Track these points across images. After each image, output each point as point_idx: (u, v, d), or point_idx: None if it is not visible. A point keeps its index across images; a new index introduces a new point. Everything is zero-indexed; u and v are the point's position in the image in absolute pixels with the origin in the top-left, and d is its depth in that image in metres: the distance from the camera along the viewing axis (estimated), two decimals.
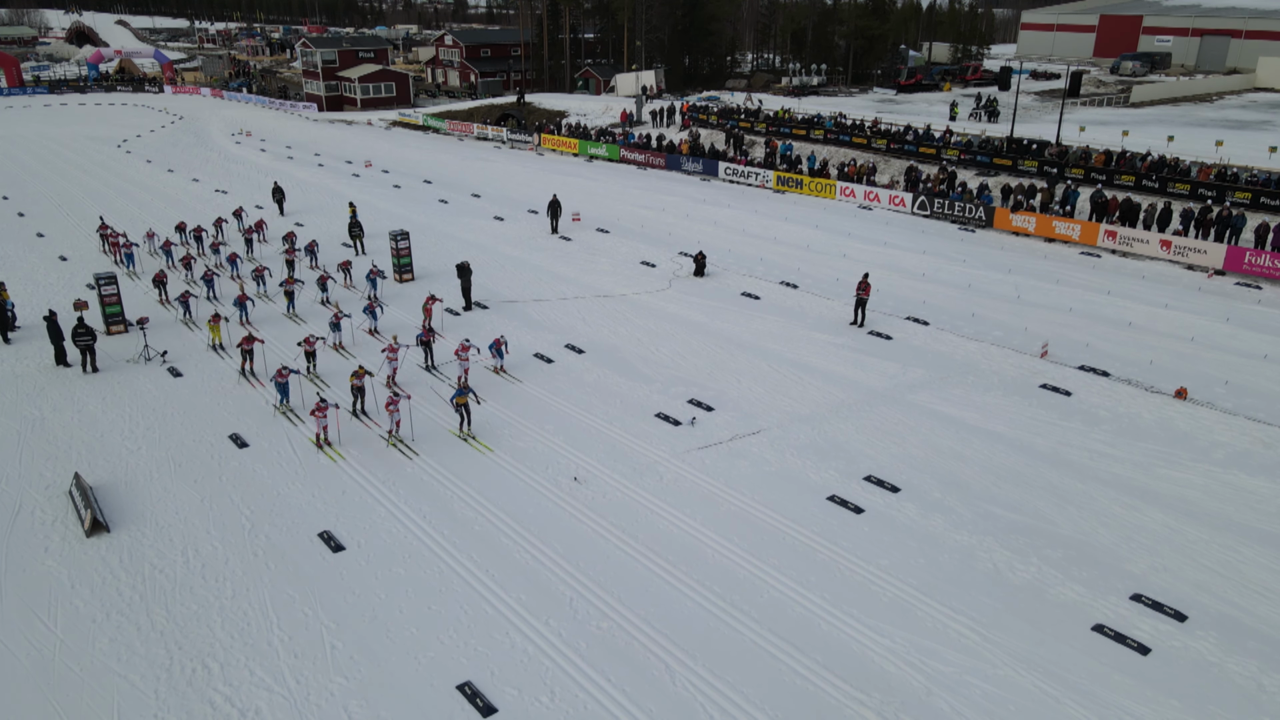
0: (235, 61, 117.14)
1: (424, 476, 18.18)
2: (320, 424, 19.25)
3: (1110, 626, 13.68)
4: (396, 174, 50.65)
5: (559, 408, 21.13)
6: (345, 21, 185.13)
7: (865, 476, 17.96)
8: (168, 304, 28.66)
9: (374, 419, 20.59)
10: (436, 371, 23.32)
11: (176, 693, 12.69)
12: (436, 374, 23.17)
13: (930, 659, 13.13)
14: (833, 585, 14.69)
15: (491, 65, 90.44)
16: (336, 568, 15.36)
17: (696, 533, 16.20)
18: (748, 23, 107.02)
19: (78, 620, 14.14)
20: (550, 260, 33.05)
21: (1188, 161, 36.48)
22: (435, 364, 23.56)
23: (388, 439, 19.56)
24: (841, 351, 24.13)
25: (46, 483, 18.13)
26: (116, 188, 47.47)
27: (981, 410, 20.67)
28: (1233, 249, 29.74)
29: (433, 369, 23.41)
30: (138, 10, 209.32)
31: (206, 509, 17.18)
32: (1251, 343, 23.80)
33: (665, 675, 12.90)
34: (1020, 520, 16.43)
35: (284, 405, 21.06)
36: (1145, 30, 79.34)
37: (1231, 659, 13.05)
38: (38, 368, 23.85)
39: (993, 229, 35.79)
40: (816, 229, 36.04)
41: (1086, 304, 26.97)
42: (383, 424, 20.06)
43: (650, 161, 51.33)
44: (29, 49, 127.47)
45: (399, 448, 19.26)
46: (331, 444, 19.43)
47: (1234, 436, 19.19)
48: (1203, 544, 15.66)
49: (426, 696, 12.54)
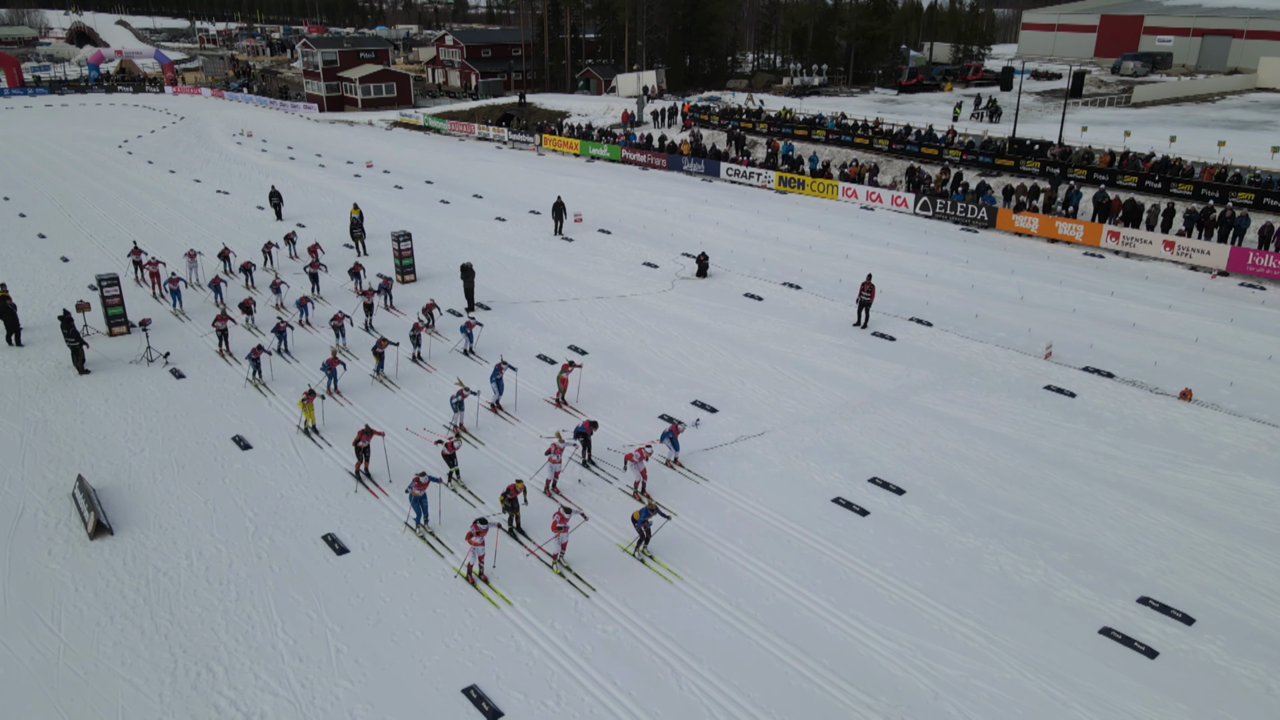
0: (236, 61, 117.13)
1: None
2: (476, 553, 14.69)
3: (1117, 629, 13.64)
4: (398, 174, 50.62)
5: (563, 412, 21.09)
6: (346, 22, 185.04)
7: (870, 478, 17.92)
8: (227, 355, 24.44)
9: (531, 535, 16.16)
10: None
11: (181, 696, 12.66)
12: None
13: (937, 662, 13.09)
14: (838, 588, 14.64)
15: (492, 65, 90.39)
16: (341, 570, 15.32)
17: (700, 535, 16.15)
18: (748, 23, 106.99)
19: (81, 623, 14.10)
20: (552, 261, 33.01)
21: (1190, 162, 36.44)
22: None
23: (554, 563, 15.31)
24: (845, 353, 24.09)
25: (49, 485, 18.09)
26: (118, 188, 47.41)
27: (986, 412, 20.63)
28: (1236, 250, 29.69)
29: None
30: (138, 10, 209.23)
31: (210, 511, 17.14)
32: (1256, 344, 23.75)
33: (671, 679, 12.86)
34: (1026, 523, 16.39)
35: (423, 526, 15.94)
36: (1146, 30, 79.23)
37: (1239, 662, 13.01)
38: (40, 369, 23.80)
39: (995, 230, 35.74)
40: (819, 230, 35.99)
41: (1090, 305, 26.93)
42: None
43: (652, 162, 51.28)
44: (29, 49, 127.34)
45: (568, 576, 15.12)
46: (488, 579, 14.97)
47: (1239, 438, 19.14)
48: (1209, 546, 15.62)
49: (432, 700, 12.51)
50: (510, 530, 16.12)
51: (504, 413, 21.00)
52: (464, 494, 17.69)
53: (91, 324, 25.78)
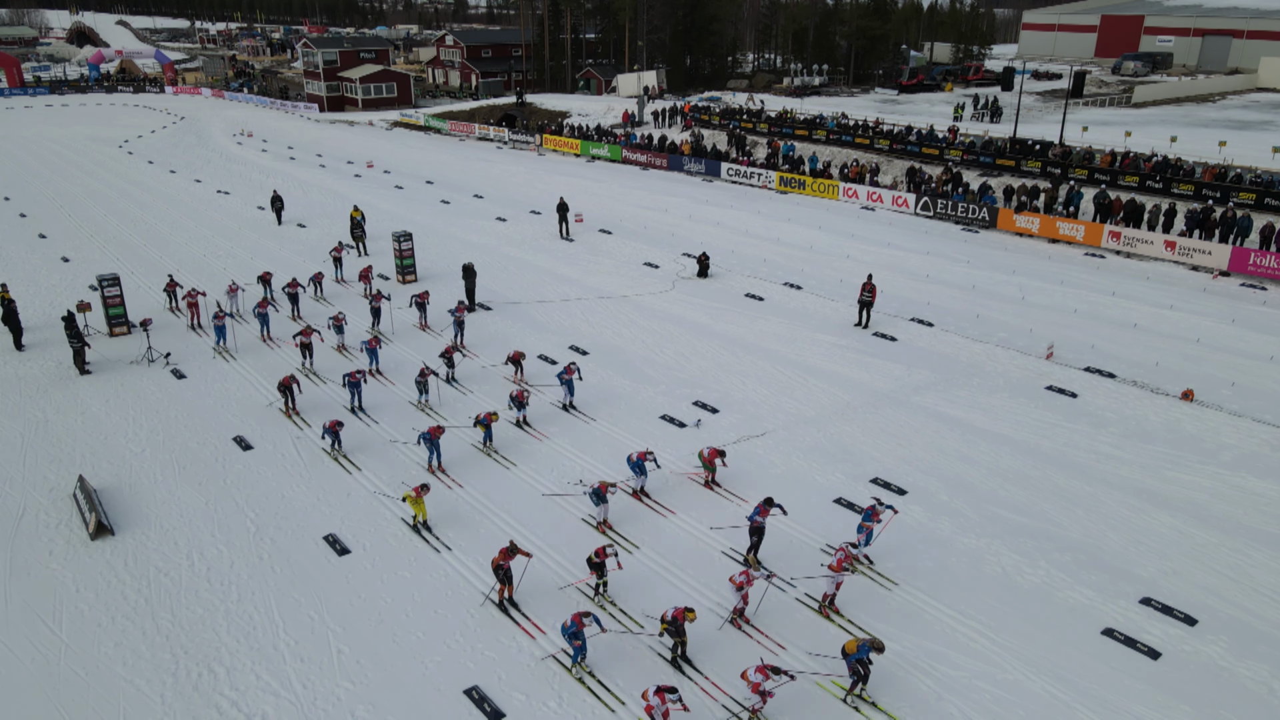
0: (236, 61, 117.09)
1: (431, 481, 18.08)
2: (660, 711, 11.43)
3: (1120, 631, 13.62)
4: (398, 175, 50.60)
5: (564, 411, 21.07)
6: (346, 22, 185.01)
7: (872, 479, 17.90)
8: (293, 415, 20.77)
9: None
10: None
11: (182, 698, 12.64)
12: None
13: (939, 663, 13.07)
14: (840, 591, 14.59)
15: (492, 65, 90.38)
16: (342, 571, 15.30)
17: (703, 536, 16.13)
18: (749, 23, 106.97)
19: (82, 624, 14.08)
20: (553, 261, 32.99)
21: (1191, 162, 36.43)
22: None
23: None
24: (846, 353, 24.07)
25: (50, 485, 18.07)
26: (118, 189, 47.40)
27: (987, 412, 20.61)
28: (1238, 250, 29.67)
29: None
30: (138, 10, 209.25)
31: (211, 512, 17.12)
32: (1257, 344, 23.73)
33: (673, 681, 12.82)
34: (1028, 523, 16.37)
35: (581, 665, 12.94)
36: (1146, 30, 79.22)
37: (1243, 663, 12.99)
38: (41, 369, 23.78)
39: (996, 230, 35.72)
40: (819, 230, 35.97)
41: (1091, 305, 26.91)
42: None
43: (652, 162, 51.27)
44: (30, 49, 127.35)
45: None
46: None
47: (1241, 439, 19.12)
48: (1212, 547, 15.60)
49: (434, 701, 12.49)
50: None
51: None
52: (614, 611, 14.22)
53: (92, 324, 25.77)
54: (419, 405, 21.18)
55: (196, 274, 31.49)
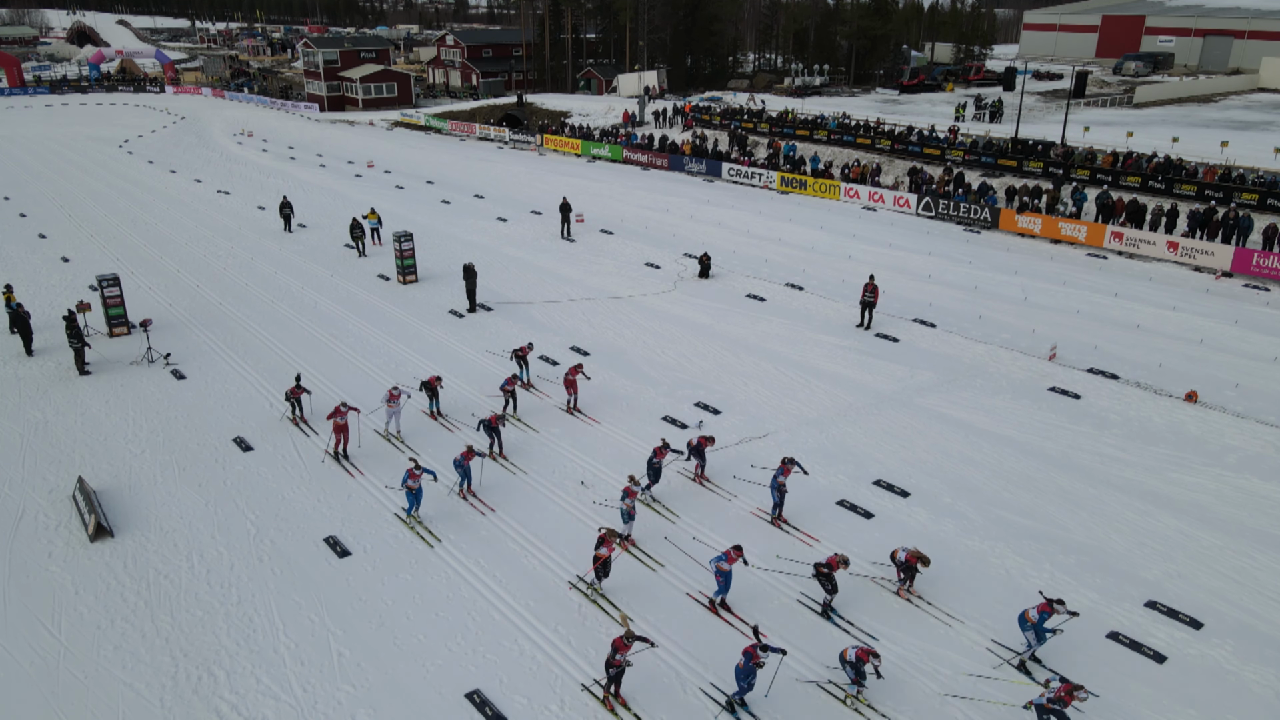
0: (236, 61, 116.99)
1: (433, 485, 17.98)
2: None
3: (1125, 634, 13.54)
4: (399, 175, 50.51)
5: (563, 410, 20.99)
6: (346, 21, 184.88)
7: (874, 481, 17.83)
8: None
9: None
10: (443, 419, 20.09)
11: (182, 701, 12.57)
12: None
13: (943, 666, 12.99)
14: (843, 591, 14.48)
15: (493, 65, 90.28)
16: (343, 573, 15.23)
17: (704, 537, 16.05)
18: (750, 23, 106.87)
19: (82, 627, 14.01)
20: (554, 261, 32.91)
21: (1193, 162, 36.35)
22: None
23: None
24: (848, 354, 23.99)
25: (50, 487, 17.99)
26: (119, 188, 47.32)
27: (990, 413, 20.53)
28: (1240, 250, 29.60)
29: None
30: (139, 10, 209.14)
31: (211, 513, 17.04)
32: (1261, 345, 23.65)
33: (675, 683, 12.77)
34: (1032, 525, 16.29)
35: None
36: (1147, 30, 79.12)
37: (1248, 667, 12.92)
38: (40, 370, 23.71)
39: (998, 230, 35.65)
40: (821, 230, 35.89)
41: (1094, 306, 26.83)
42: None
43: (653, 162, 51.19)
44: (30, 49, 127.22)
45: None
46: None
47: (1246, 440, 19.04)
48: (1217, 550, 15.52)
49: (435, 705, 12.42)
50: None
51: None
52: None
53: (92, 324, 25.67)
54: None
55: (197, 274, 31.43)
